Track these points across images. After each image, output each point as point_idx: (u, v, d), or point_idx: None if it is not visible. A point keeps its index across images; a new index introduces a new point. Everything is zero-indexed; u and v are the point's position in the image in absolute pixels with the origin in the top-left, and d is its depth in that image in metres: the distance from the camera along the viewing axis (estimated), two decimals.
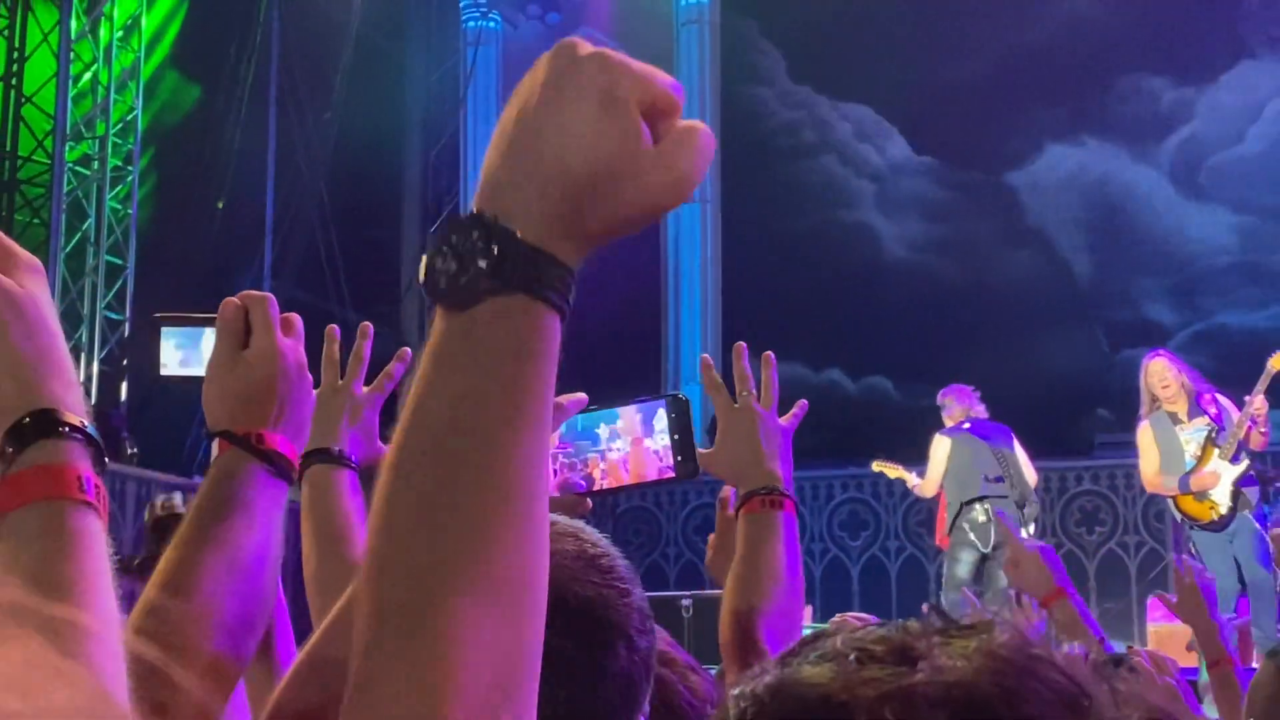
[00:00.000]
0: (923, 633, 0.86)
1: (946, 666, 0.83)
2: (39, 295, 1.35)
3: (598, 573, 1.62)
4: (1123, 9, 15.97)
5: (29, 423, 1.28)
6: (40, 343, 1.32)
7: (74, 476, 1.27)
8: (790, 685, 0.86)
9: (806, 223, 16.91)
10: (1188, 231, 15.80)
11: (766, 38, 17.20)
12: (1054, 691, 0.84)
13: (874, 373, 16.41)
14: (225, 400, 1.85)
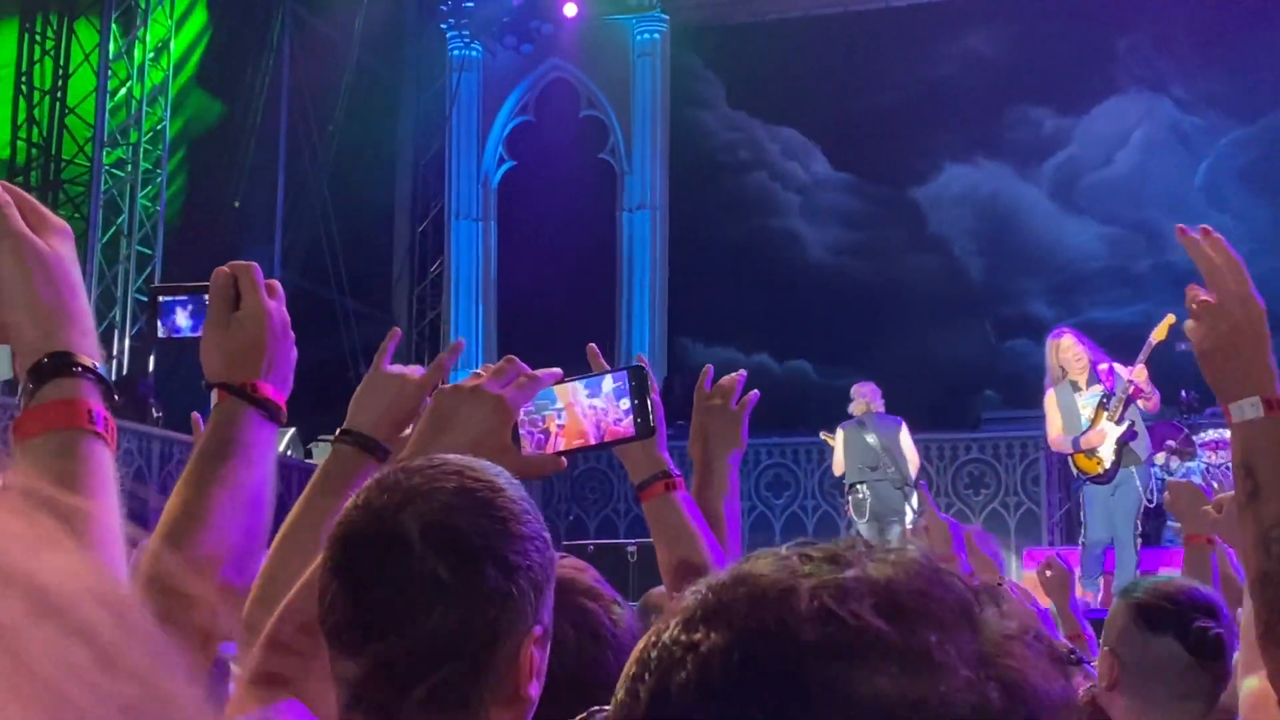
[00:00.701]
0: (852, 547, 0.87)
1: (871, 568, 0.83)
2: (64, 253, 1.33)
3: (478, 506, 1.60)
4: (1012, 49, 16.04)
5: (47, 363, 1.27)
6: (60, 294, 1.30)
7: (85, 410, 1.27)
8: (745, 575, 0.85)
9: (741, 229, 16.86)
10: (1064, 240, 15.93)
11: (709, 69, 17.17)
12: (954, 596, 0.84)
13: (797, 357, 16.38)
14: (221, 355, 1.83)
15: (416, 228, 16.99)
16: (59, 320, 1.30)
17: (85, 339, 1.32)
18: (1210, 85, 15.67)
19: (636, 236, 16.95)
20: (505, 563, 1.58)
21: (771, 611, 0.81)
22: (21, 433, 1.28)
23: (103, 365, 1.33)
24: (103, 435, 1.28)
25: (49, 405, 1.27)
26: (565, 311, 16.13)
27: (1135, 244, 15.59)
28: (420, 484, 1.61)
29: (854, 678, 0.78)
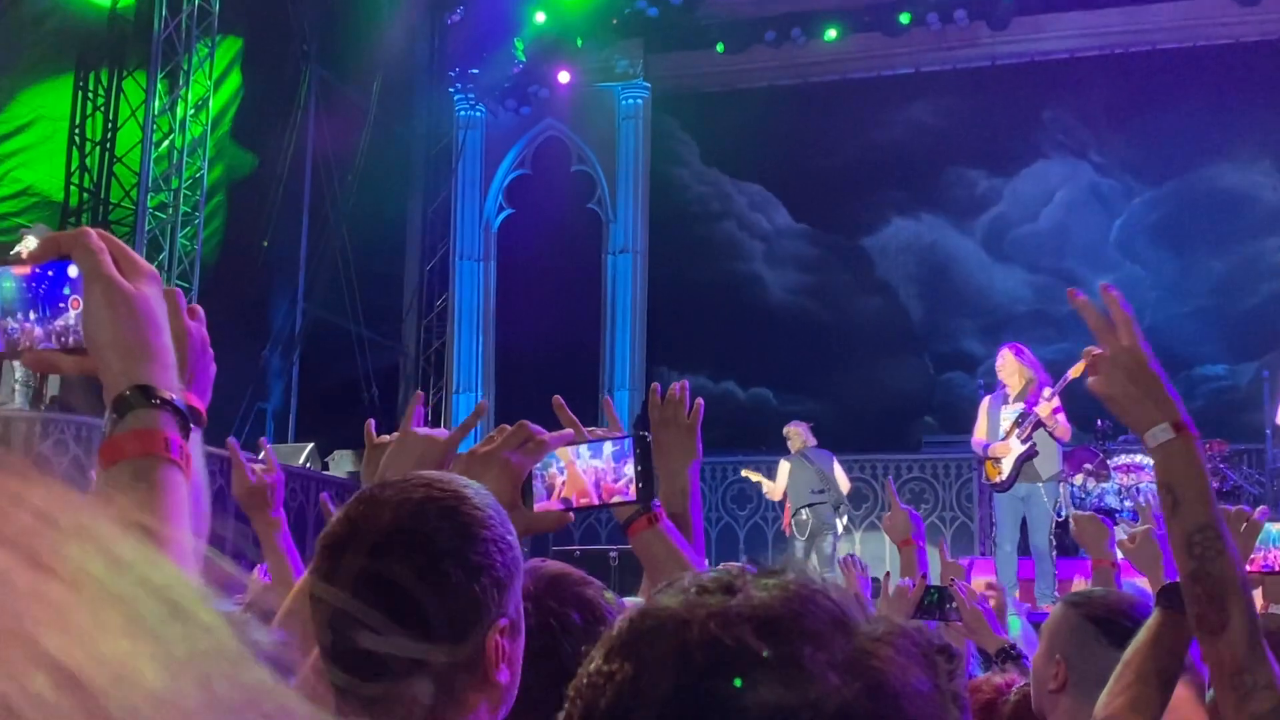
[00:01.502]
0: (741, 574, 0.90)
1: (754, 594, 0.86)
2: (149, 294, 1.31)
3: (442, 513, 1.62)
4: (950, 118, 16.07)
5: (129, 395, 1.25)
6: (144, 332, 1.28)
7: (162, 439, 1.24)
8: (650, 609, 0.90)
9: (712, 271, 16.84)
10: (995, 286, 15.92)
11: (685, 131, 17.15)
12: (827, 613, 0.86)
13: (759, 384, 16.34)
14: None
15: (425, 266, 16.90)
16: (141, 356, 1.28)
17: (165, 373, 1.30)
18: (1124, 152, 15.74)
19: (619, 277, 16.89)
20: (468, 563, 1.60)
21: (670, 642, 0.85)
22: (105, 459, 1.25)
23: (180, 398, 1.30)
24: (178, 463, 1.27)
25: (130, 434, 1.24)
26: (556, 342, 16.15)
27: (1057, 290, 15.46)
28: (392, 495, 1.65)
29: (737, 693, 0.81)
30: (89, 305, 1.28)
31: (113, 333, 1.27)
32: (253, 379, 14.00)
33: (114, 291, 1.26)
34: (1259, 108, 15.06)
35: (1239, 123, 15.15)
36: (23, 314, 1.33)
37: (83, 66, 13.24)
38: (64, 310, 1.31)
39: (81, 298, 1.29)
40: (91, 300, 1.27)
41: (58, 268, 1.31)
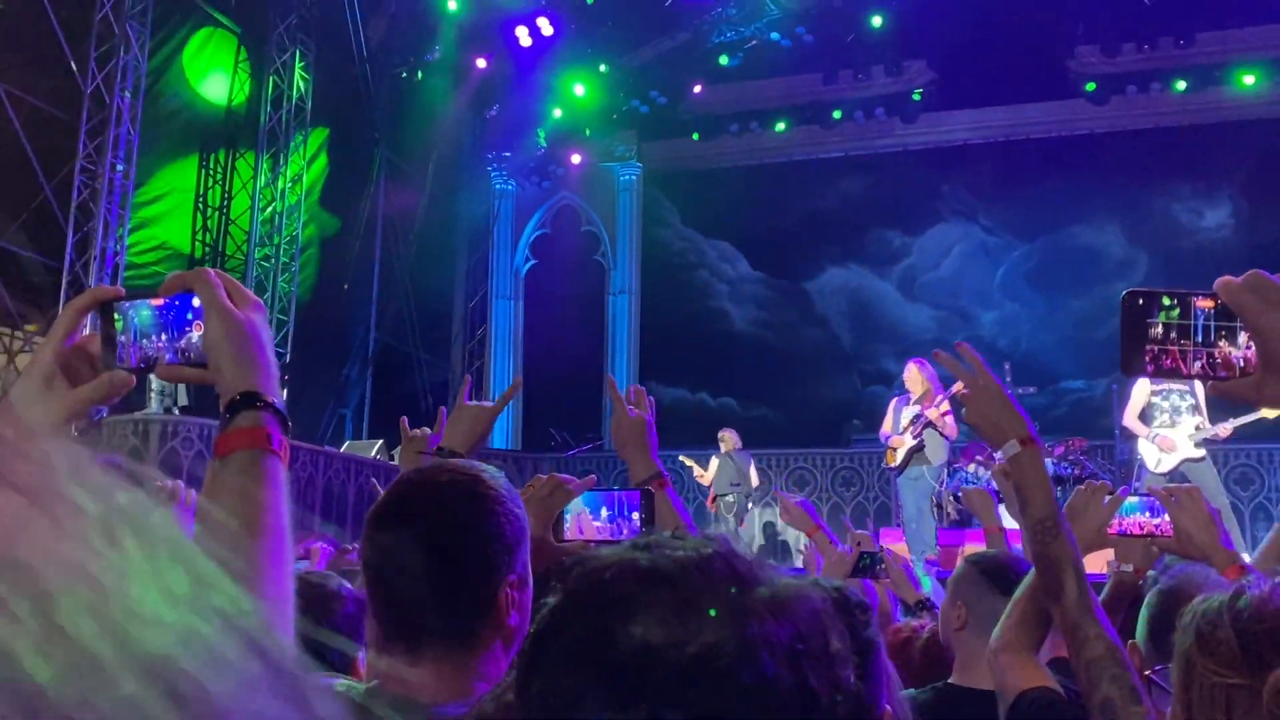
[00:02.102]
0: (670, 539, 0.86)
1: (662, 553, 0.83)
2: (255, 319, 1.29)
3: (462, 491, 1.61)
4: (872, 190, 16.06)
5: (239, 399, 1.23)
6: (251, 350, 1.26)
7: (265, 435, 1.21)
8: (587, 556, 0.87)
9: (689, 307, 16.80)
10: (906, 320, 15.89)
11: (669, 200, 17.15)
12: (720, 573, 0.82)
13: (726, 395, 16.27)
14: None
15: (468, 304, 16.92)
16: (249, 369, 1.25)
17: (269, 382, 1.26)
18: (1005, 216, 15.75)
19: (618, 312, 16.88)
20: (482, 531, 1.58)
21: (584, 583, 0.83)
22: (219, 451, 1.22)
23: (282, 402, 1.27)
24: (279, 454, 1.23)
25: (239, 431, 1.22)
26: (570, 362, 16.16)
27: (955, 322, 15.63)
28: (424, 478, 1.65)
29: (618, 629, 0.78)
30: (208, 328, 1.26)
31: (226, 350, 1.25)
32: (335, 390, 14.01)
33: (227, 317, 1.25)
34: (1109, 183, 15.11)
35: (1093, 194, 15.19)
36: (156, 336, 1.31)
37: (205, 150, 13.26)
38: (188, 332, 1.30)
39: (202, 322, 1.28)
40: (210, 324, 1.26)
41: (184, 299, 1.30)
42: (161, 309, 1.32)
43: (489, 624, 1.58)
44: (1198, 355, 1.20)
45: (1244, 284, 1.15)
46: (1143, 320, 1.23)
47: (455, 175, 16.52)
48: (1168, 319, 1.22)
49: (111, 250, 10.98)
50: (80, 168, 10.92)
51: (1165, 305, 1.22)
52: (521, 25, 14.34)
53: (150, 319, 1.32)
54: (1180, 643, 1.42)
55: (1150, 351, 1.22)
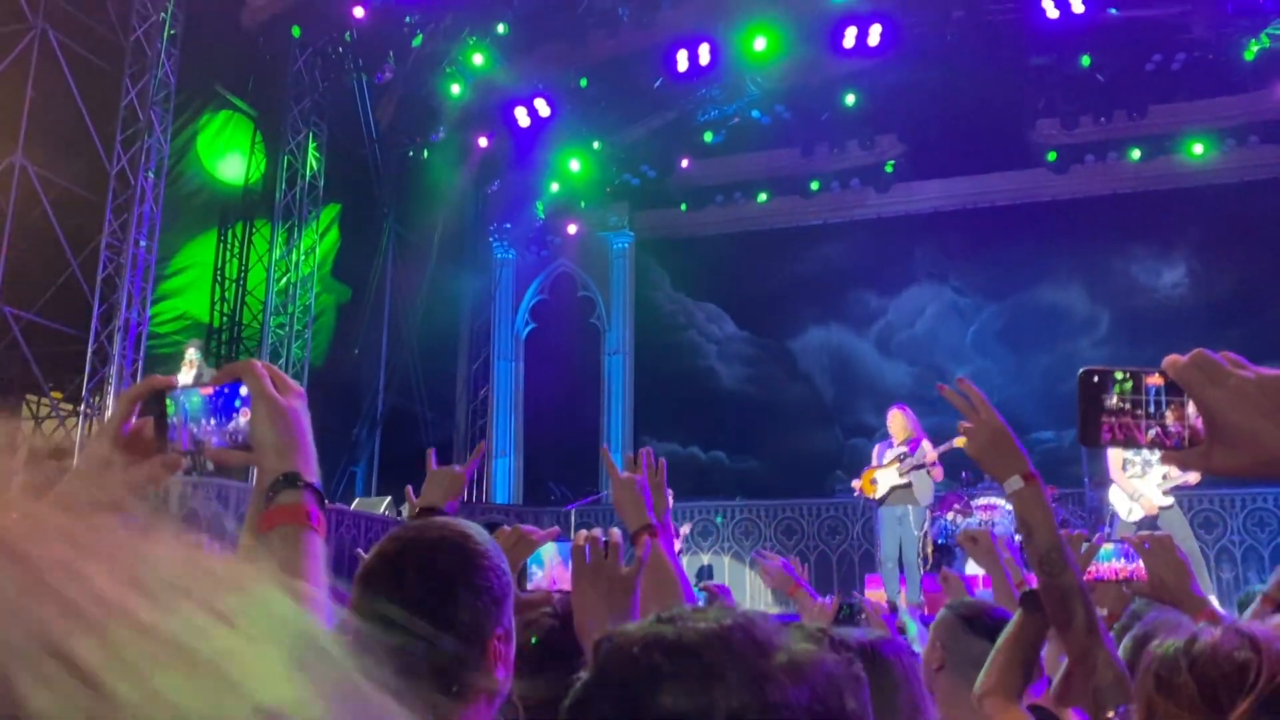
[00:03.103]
0: (690, 611, 0.89)
1: (684, 626, 0.86)
2: (296, 406, 1.31)
3: (453, 548, 1.61)
4: (851, 255, 16.15)
5: (281, 480, 1.26)
6: (293, 435, 1.29)
7: (305, 512, 1.24)
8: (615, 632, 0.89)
9: (680, 366, 16.78)
10: (884, 376, 15.87)
11: (659, 266, 17.22)
12: (740, 643, 0.84)
13: (716, 448, 16.22)
14: None
15: (472, 366, 16.89)
16: (290, 452, 1.28)
17: (308, 464, 1.29)
18: (975, 278, 15.84)
19: (613, 371, 16.84)
20: (472, 586, 1.57)
21: (613, 657, 0.85)
22: (261, 527, 1.24)
23: (319, 481, 1.29)
24: (316, 529, 1.26)
25: (280, 509, 1.24)
26: (568, 420, 16.11)
27: (929, 378, 15.47)
28: (413, 535, 1.64)
29: (645, 699, 0.80)
30: (254, 414, 1.29)
31: (270, 435, 1.28)
32: (346, 449, 13.94)
33: (272, 406, 1.28)
34: (1071, 246, 15.22)
35: (1057, 256, 15.31)
36: (205, 421, 1.35)
37: (223, 225, 13.33)
38: (235, 418, 1.33)
39: (249, 409, 1.31)
40: (256, 411, 1.29)
41: (232, 388, 1.33)
42: (211, 397, 1.35)
43: (477, 676, 1.57)
44: (1150, 426, 1.23)
45: (1189, 361, 1.19)
46: (1098, 395, 1.25)
47: (459, 246, 16.59)
48: (1121, 394, 1.24)
49: (135, 321, 10.97)
50: (106, 244, 10.95)
51: (1118, 381, 1.25)
52: (520, 106, 14.49)
53: (200, 406, 1.36)
54: (1141, 685, 1.42)
55: (1106, 424, 1.25)
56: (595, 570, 1.89)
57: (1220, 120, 14.40)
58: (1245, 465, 1.17)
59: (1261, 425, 1.14)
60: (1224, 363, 1.18)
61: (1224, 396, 1.16)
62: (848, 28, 13.33)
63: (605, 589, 1.88)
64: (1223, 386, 1.16)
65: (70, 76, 10.59)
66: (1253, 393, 1.15)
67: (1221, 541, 11.87)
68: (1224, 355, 1.19)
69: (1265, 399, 1.15)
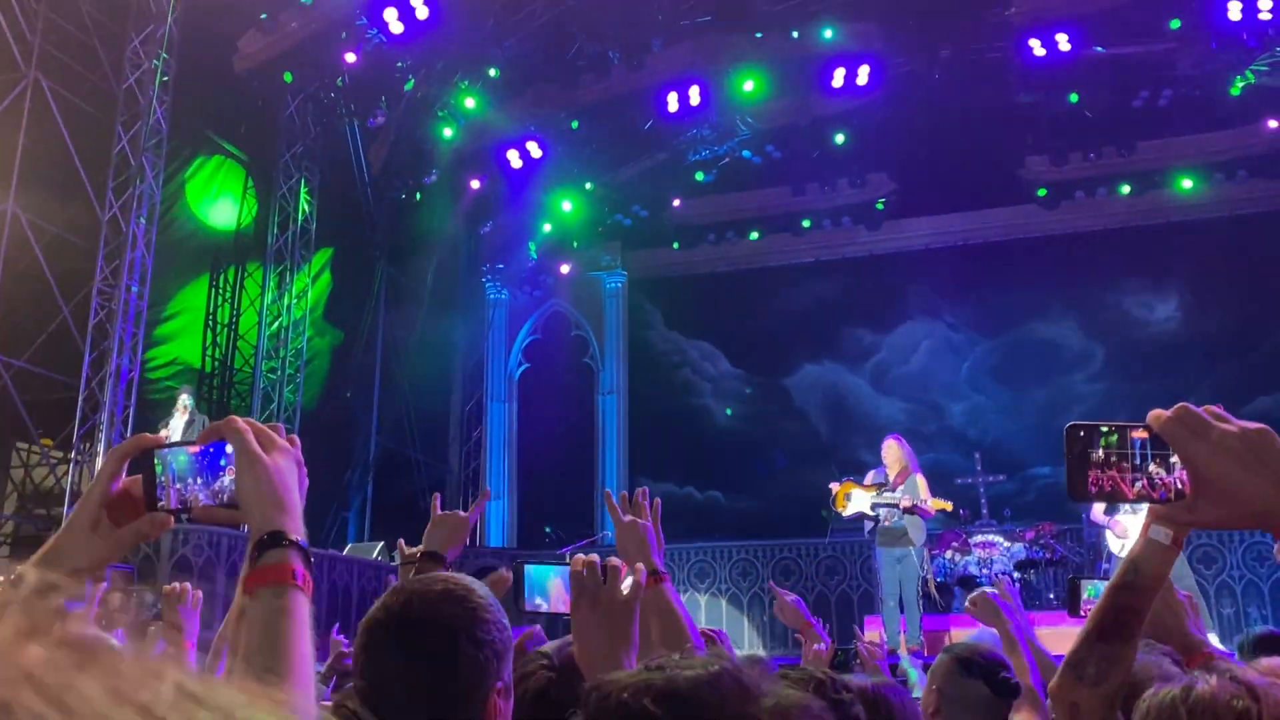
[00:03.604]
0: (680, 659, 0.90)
1: (674, 673, 0.87)
2: (281, 463, 1.31)
3: (455, 601, 1.63)
4: (844, 292, 16.22)
5: (266, 539, 1.26)
6: (277, 492, 1.29)
7: (290, 571, 1.24)
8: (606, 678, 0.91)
9: (674, 404, 16.78)
10: (879, 412, 15.88)
11: (652, 304, 17.28)
12: (726, 688, 0.86)
13: (712, 488, 16.17)
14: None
15: (465, 407, 16.86)
16: (275, 510, 1.28)
17: (293, 522, 1.28)
18: (968, 314, 15.90)
19: (607, 411, 16.82)
20: (475, 639, 1.59)
21: (605, 702, 0.85)
22: (248, 587, 1.24)
23: (305, 539, 1.28)
24: (302, 588, 1.25)
25: (266, 569, 1.24)
26: (562, 461, 16.07)
27: (925, 414, 15.65)
28: (418, 588, 1.65)
29: None
30: (238, 473, 1.30)
31: (254, 493, 1.28)
32: (337, 494, 13.87)
33: (256, 463, 1.29)
34: (1063, 280, 15.32)
35: (1049, 291, 15.39)
36: (193, 479, 1.36)
37: (215, 270, 13.34)
38: (221, 476, 1.34)
39: (234, 467, 1.31)
40: (239, 469, 1.30)
41: (218, 446, 1.34)
42: (198, 455, 1.36)
43: None
44: (1136, 480, 1.25)
45: (1173, 415, 1.21)
46: (1085, 450, 1.27)
47: (452, 287, 16.62)
48: (1107, 448, 1.26)
49: (126, 368, 10.94)
50: (97, 290, 10.95)
51: (1104, 435, 1.27)
52: (512, 149, 14.59)
53: (187, 464, 1.36)
54: None
55: (1093, 478, 1.26)
56: (595, 594, 1.84)
57: (1208, 155, 14.55)
58: (1231, 519, 1.19)
59: (1245, 479, 1.16)
60: (1207, 416, 1.19)
61: (1208, 450, 1.18)
62: (836, 68, 13.48)
63: (605, 613, 1.84)
64: (1206, 440, 1.18)
65: (62, 124, 10.65)
66: (1236, 446, 1.17)
67: (1221, 577, 11.81)
68: (1207, 409, 1.20)
69: (1248, 452, 1.16)
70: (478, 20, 12.82)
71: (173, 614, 3.07)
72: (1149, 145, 14.56)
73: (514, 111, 14.28)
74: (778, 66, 13.66)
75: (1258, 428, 1.18)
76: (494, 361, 17.10)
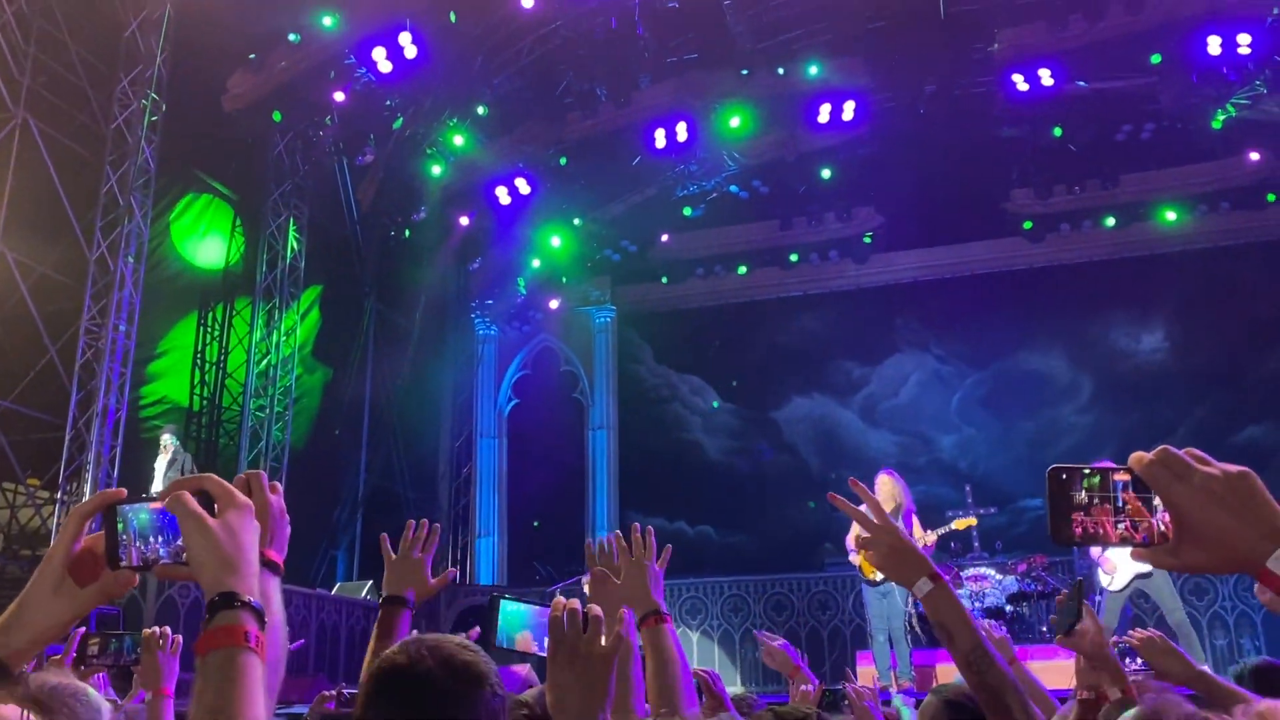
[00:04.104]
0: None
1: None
2: (233, 524, 1.32)
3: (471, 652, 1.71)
4: (832, 325, 16.27)
5: (218, 600, 1.26)
6: (227, 552, 1.30)
7: (242, 633, 1.25)
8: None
9: (664, 439, 16.74)
10: (869, 445, 15.87)
11: (642, 339, 17.29)
12: None
13: (703, 523, 16.09)
14: None
15: (454, 443, 16.80)
16: (226, 572, 1.29)
17: (244, 582, 1.29)
18: (957, 346, 15.93)
19: (597, 446, 16.79)
20: (483, 705, 1.64)
21: None
22: (200, 650, 1.24)
23: (258, 600, 1.29)
24: (255, 650, 1.25)
25: (217, 630, 1.25)
26: (552, 496, 16.02)
27: (915, 446, 15.65)
28: (425, 651, 1.67)
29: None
30: (185, 538, 1.31)
31: (205, 556, 1.29)
32: (327, 532, 13.79)
33: (203, 526, 1.30)
34: (1050, 312, 15.40)
35: (1037, 323, 15.46)
36: (154, 537, 1.36)
37: (203, 308, 13.34)
38: (180, 535, 1.34)
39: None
40: (186, 534, 1.31)
41: None
42: (159, 513, 1.36)
43: None
44: (1119, 523, 1.25)
45: (1155, 458, 1.21)
46: (1068, 492, 1.27)
47: (441, 323, 16.63)
48: (1090, 490, 1.26)
49: (113, 407, 10.90)
50: (85, 329, 10.93)
51: (1086, 477, 1.27)
52: (501, 185, 14.66)
53: (149, 522, 1.37)
54: None
55: (1076, 520, 1.26)
56: (574, 645, 1.74)
57: (1192, 188, 14.70)
58: (1214, 563, 1.19)
59: (1228, 523, 1.16)
60: (1189, 459, 1.20)
61: (1190, 493, 1.18)
62: (822, 104, 13.61)
63: (583, 666, 1.72)
64: (1188, 483, 1.18)
65: (50, 164, 10.67)
66: (1219, 490, 1.17)
67: (1213, 608, 11.81)
68: (1188, 451, 1.21)
69: (1231, 496, 1.17)
70: (466, 59, 12.93)
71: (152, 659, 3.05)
72: (1132, 178, 14.71)
73: (502, 148, 14.37)
74: (764, 103, 13.79)
75: (1239, 470, 1.18)
76: (483, 397, 17.06)
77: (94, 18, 11.30)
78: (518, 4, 12.34)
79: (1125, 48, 12.68)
